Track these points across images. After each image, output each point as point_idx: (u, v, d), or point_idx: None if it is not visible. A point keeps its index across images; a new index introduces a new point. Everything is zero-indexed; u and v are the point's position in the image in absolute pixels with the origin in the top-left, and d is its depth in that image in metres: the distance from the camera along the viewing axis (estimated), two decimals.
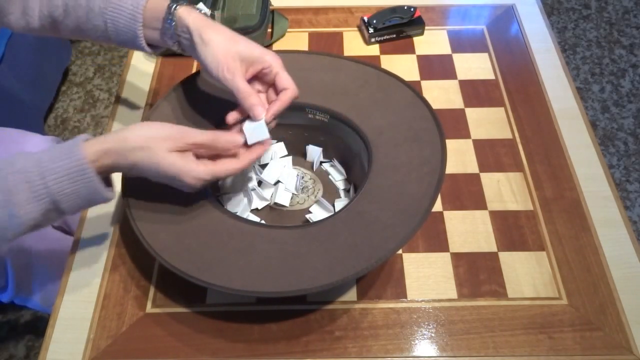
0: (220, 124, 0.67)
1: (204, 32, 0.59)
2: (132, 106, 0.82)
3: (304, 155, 0.74)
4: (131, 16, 0.61)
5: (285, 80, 0.59)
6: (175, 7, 0.60)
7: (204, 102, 0.68)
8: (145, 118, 0.67)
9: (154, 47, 0.65)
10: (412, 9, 0.89)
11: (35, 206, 0.50)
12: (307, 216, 0.68)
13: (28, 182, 0.49)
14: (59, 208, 0.52)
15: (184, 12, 0.60)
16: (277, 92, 0.60)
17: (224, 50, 0.58)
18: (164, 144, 0.53)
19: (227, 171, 0.56)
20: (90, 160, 0.51)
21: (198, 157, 0.55)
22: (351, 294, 0.62)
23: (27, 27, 0.65)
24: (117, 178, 0.73)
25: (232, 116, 0.60)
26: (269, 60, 0.59)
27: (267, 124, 0.58)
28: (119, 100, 0.83)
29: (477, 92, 0.83)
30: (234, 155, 0.57)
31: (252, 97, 0.58)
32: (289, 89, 0.59)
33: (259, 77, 0.61)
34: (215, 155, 0.57)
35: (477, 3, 0.97)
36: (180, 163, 0.53)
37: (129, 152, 0.53)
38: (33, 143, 0.94)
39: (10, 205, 0.49)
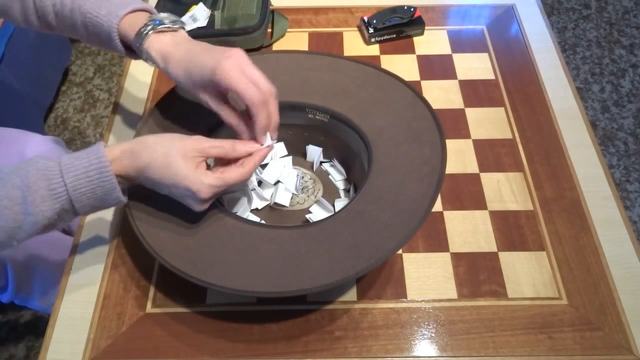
0: (213, 130, 0.66)
1: (168, 68, 0.59)
2: (133, 104, 0.82)
3: (304, 155, 0.74)
4: (107, 33, 0.60)
5: (240, 90, 0.54)
6: (145, 34, 0.59)
7: (193, 111, 0.68)
8: (137, 133, 0.66)
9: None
10: (412, 9, 0.89)
11: (51, 204, 0.51)
12: (307, 216, 0.68)
13: (48, 180, 0.50)
14: (73, 208, 0.52)
15: (149, 45, 0.59)
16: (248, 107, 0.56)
17: (189, 84, 0.58)
18: (182, 149, 0.53)
19: (236, 178, 0.55)
20: (109, 159, 0.52)
21: (208, 167, 0.56)
22: (351, 294, 0.62)
23: (30, 24, 0.66)
24: None
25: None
26: (217, 80, 0.54)
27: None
28: (118, 104, 0.83)
29: (477, 92, 0.83)
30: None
31: (235, 124, 0.57)
32: (246, 96, 0.54)
33: None
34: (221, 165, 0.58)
35: (477, 3, 0.97)
36: (191, 169, 0.53)
37: (145, 151, 0.53)
38: (33, 142, 0.94)
39: (27, 203, 0.50)
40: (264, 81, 0.55)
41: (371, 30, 0.88)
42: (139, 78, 0.86)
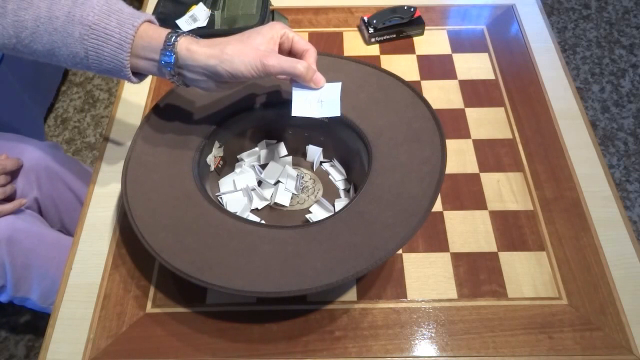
0: (212, 133, 0.66)
1: (223, 53, 0.55)
2: (133, 104, 0.82)
3: (304, 155, 0.74)
4: (118, 45, 0.56)
5: (301, 42, 0.60)
6: (175, 39, 0.56)
7: (192, 113, 0.68)
8: (136, 133, 0.65)
9: (139, 75, 0.61)
10: (412, 9, 0.89)
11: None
12: (307, 216, 0.68)
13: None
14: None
15: (187, 52, 0.56)
16: (298, 56, 0.60)
17: (248, 48, 0.56)
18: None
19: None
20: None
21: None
22: (351, 294, 0.62)
23: None
24: (116, 181, 0.73)
25: None
26: (280, 29, 0.59)
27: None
28: (118, 104, 0.83)
29: (477, 92, 0.83)
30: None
31: (308, 69, 0.59)
32: (309, 49, 0.60)
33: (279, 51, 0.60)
34: None
35: (477, 3, 0.97)
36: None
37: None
38: (31, 149, 0.95)
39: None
40: None
41: (371, 30, 0.88)
42: None
